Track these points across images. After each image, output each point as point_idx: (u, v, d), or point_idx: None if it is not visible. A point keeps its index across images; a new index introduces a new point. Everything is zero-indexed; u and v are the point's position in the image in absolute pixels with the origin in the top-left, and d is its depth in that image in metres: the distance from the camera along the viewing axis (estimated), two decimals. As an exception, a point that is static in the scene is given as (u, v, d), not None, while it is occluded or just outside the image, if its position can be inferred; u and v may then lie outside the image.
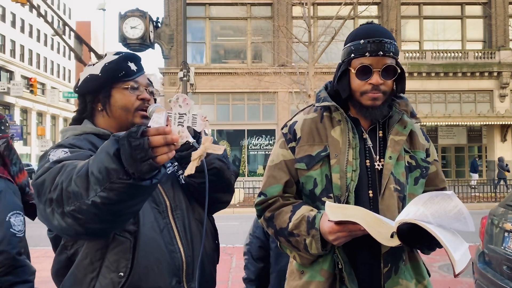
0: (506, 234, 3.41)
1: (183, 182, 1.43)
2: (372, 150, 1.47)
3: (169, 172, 1.43)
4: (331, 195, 1.42)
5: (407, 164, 1.47)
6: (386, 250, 1.38)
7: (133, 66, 1.41)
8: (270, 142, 19.42)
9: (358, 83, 1.43)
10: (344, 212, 1.26)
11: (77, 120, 1.44)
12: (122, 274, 1.22)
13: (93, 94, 1.40)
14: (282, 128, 1.59)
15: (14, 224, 1.68)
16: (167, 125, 1.04)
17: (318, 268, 1.43)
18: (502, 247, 3.39)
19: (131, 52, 1.47)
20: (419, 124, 1.59)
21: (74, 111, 1.48)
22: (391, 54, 1.41)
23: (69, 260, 1.29)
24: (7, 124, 1.94)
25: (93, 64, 1.42)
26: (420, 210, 1.23)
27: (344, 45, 1.50)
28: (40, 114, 44.91)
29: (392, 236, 1.21)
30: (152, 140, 0.98)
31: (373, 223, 1.23)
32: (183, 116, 1.08)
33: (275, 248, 2.02)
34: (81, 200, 1.04)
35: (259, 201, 1.54)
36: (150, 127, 1.01)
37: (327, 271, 1.41)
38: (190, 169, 1.10)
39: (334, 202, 1.41)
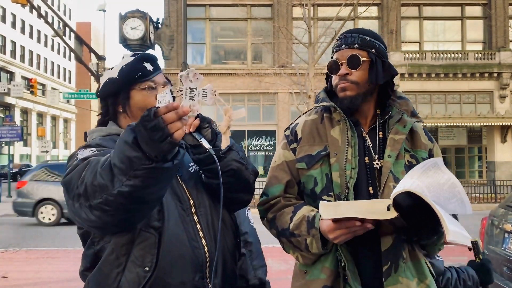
0: (506, 235, 3.41)
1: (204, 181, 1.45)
2: (371, 149, 1.50)
3: (192, 171, 1.45)
4: (332, 193, 1.44)
5: (407, 163, 1.48)
6: (386, 248, 1.39)
7: (149, 66, 1.44)
8: (270, 143, 19.43)
9: (333, 78, 1.52)
10: (335, 210, 1.28)
11: (102, 123, 1.50)
12: (147, 268, 1.25)
13: (113, 96, 1.45)
14: (285, 131, 1.63)
15: None
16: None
17: (320, 266, 1.44)
18: (502, 248, 3.40)
19: (147, 52, 1.50)
20: (422, 124, 1.61)
21: (97, 114, 1.54)
22: (356, 46, 1.48)
23: (96, 256, 1.33)
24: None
25: (111, 68, 1.47)
26: (415, 183, 1.24)
27: None
28: (40, 115, 44.94)
29: (388, 209, 1.23)
30: (165, 117, 1.02)
31: (365, 209, 1.25)
32: (193, 91, 1.12)
33: None
34: (107, 192, 1.09)
35: (261, 201, 1.56)
36: (158, 108, 1.04)
37: (328, 269, 1.42)
38: (226, 141, 1.25)
39: (335, 200, 1.43)
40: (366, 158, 1.48)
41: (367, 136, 1.52)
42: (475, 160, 20.85)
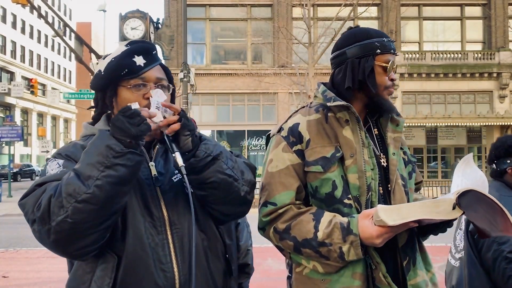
0: (505, 234, 3.42)
1: (192, 190, 1.31)
2: (373, 148, 1.50)
3: (175, 181, 1.33)
4: (350, 196, 1.40)
5: (403, 160, 1.53)
6: (403, 243, 1.41)
7: (140, 61, 1.30)
8: (270, 143, 19.46)
9: (385, 78, 1.46)
10: (400, 214, 1.26)
11: (97, 114, 1.43)
12: None
13: (101, 91, 1.35)
14: (278, 131, 1.53)
15: None
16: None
17: (350, 273, 1.37)
18: (501, 248, 3.41)
19: (141, 43, 1.35)
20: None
21: (88, 108, 1.51)
22: None
23: (71, 263, 1.31)
24: None
25: (105, 57, 1.36)
26: (463, 181, 1.35)
27: (353, 43, 1.46)
28: (40, 115, 44.95)
29: (454, 207, 1.27)
30: (140, 110, 1.17)
31: (430, 209, 1.28)
32: (159, 103, 1.28)
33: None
34: (78, 195, 1.08)
35: (268, 211, 1.44)
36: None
37: (362, 274, 1.36)
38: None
39: (354, 203, 1.40)
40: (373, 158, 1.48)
41: (367, 135, 1.51)
42: (474, 160, 20.86)
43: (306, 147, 1.45)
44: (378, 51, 1.44)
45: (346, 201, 1.40)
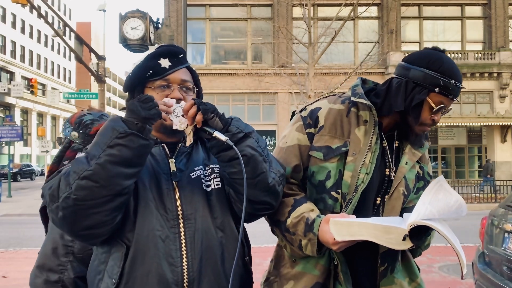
0: (506, 234, 3.41)
1: (214, 187, 1.35)
2: (389, 157, 1.48)
3: (193, 177, 1.35)
4: (339, 191, 1.42)
5: (417, 174, 1.51)
6: (384, 250, 1.40)
7: (165, 63, 1.35)
8: (271, 142, 19.44)
9: (427, 116, 1.41)
10: (349, 231, 1.26)
11: None
12: (114, 281, 1.22)
13: (130, 92, 1.40)
14: (300, 111, 1.54)
15: None
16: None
17: (314, 262, 1.43)
18: (502, 248, 3.40)
19: (169, 46, 1.39)
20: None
21: (121, 109, 1.57)
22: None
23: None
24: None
25: (135, 63, 1.42)
26: (428, 209, 1.27)
27: (422, 67, 1.38)
28: (40, 115, 44.94)
29: (404, 239, 1.23)
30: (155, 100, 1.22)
31: (380, 234, 1.24)
32: (175, 110, 1.29)
33: None
34: (81, 172, 1.12)
35: None
36: None
37: (323, 266, 1.42)
38: (189, 139, 1.34)
39: (340, 198, 1.41)
40: (386, 170, 1.46)
41: (386, 145, 1.48)
42: (475, 160, 20.86)
43: (317, 132, 1.47)
44: (437, 89, 1.36)
45: (333, 193, 1.42)
